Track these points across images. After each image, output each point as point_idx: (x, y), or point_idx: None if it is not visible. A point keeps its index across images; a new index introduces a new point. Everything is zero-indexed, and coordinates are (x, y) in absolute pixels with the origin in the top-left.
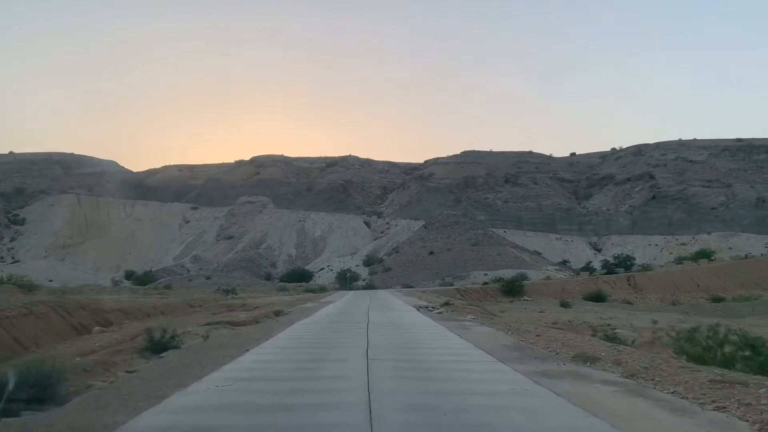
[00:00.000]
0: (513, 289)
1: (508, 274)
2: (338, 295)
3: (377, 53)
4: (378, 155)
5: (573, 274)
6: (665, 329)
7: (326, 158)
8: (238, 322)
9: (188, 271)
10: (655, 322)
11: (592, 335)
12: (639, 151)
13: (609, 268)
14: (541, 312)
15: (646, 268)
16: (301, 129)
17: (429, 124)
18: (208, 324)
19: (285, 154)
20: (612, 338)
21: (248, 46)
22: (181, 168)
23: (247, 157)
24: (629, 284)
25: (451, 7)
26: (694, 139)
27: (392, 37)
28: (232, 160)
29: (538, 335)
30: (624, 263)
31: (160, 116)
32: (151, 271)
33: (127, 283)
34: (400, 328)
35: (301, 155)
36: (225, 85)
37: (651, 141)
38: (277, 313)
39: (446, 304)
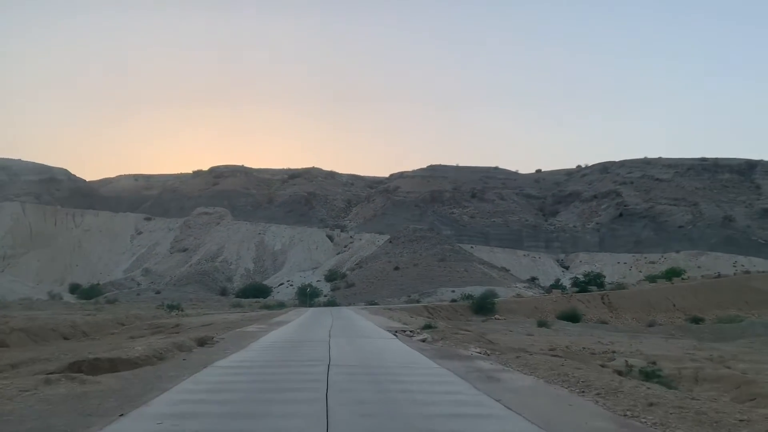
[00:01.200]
0: (484, 307)
1: (476, 291)
2: (296, 313)
3: (342, 66)
4: (342, 168)
5: (543, 291)
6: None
7: (289, 170)
8: (125, 360)
9: (138, 284)
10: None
11: (624, 372)
12: (605, 168)
13: (581, 286)
14: (530, 335)
15: (619, 286)
16: (264, 141)
17: (394, 138)
18: (53, 373)
19: (246, 165)
20: (650, 375)
21: (213, 54)
22: (137, 177)
23: (206, 168)
24: (603, 303)
25: (419, 23)
26: (660, 157)
27: (357, 49)
28: (190, 171)
29: (652, 404)
30: (595, 281)
31: (117, 124)
32: (98, 284)
33: (70, 297)
34: (380, 374)
35: (264, 167)
36: (187, 94)
37: (616, 159)
38: (202, 342)
39: (428, 327)
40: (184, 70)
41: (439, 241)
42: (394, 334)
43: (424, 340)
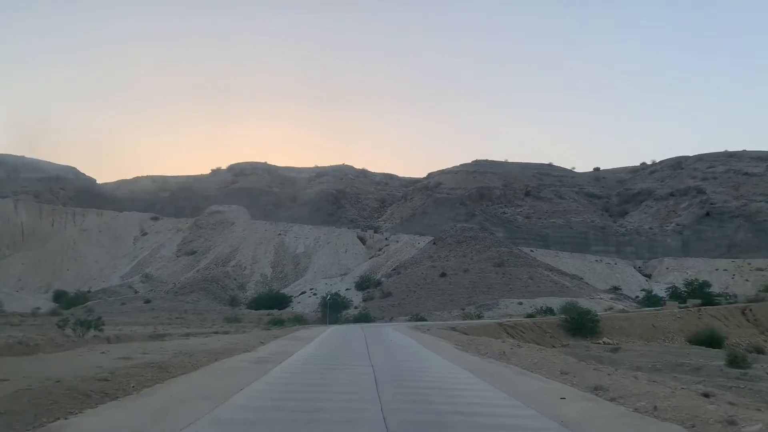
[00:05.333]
0: (583, 326)
1: (550, 303)
2: (301, 339)
3: (375, 57)
4: (374, 168)
5: (637, 305)
6: None
7: (316, 168)
8: None
9: (136, 292)
10: None
11: None
12: (678, 164)
13: (706, 298)
14: None
15: (757, 298)
16: (291, 141)
17: (430, 137)
18: None
19: (269, 163)
20: None
21: (238, 50)
22: (155, 179)
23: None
24: (747, 320)
25: (462, 7)
26: (744, 150)
27: (390, 37)
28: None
29: None
30: (700, 291)
31: (137, 124)
32: (88, 291)
33: (50, 306)
34: None
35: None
36: (211, 91)
37: (688, 153)
38: None
39: None
40: (214, 68)
41: (494, 243)
42: None
43: None
